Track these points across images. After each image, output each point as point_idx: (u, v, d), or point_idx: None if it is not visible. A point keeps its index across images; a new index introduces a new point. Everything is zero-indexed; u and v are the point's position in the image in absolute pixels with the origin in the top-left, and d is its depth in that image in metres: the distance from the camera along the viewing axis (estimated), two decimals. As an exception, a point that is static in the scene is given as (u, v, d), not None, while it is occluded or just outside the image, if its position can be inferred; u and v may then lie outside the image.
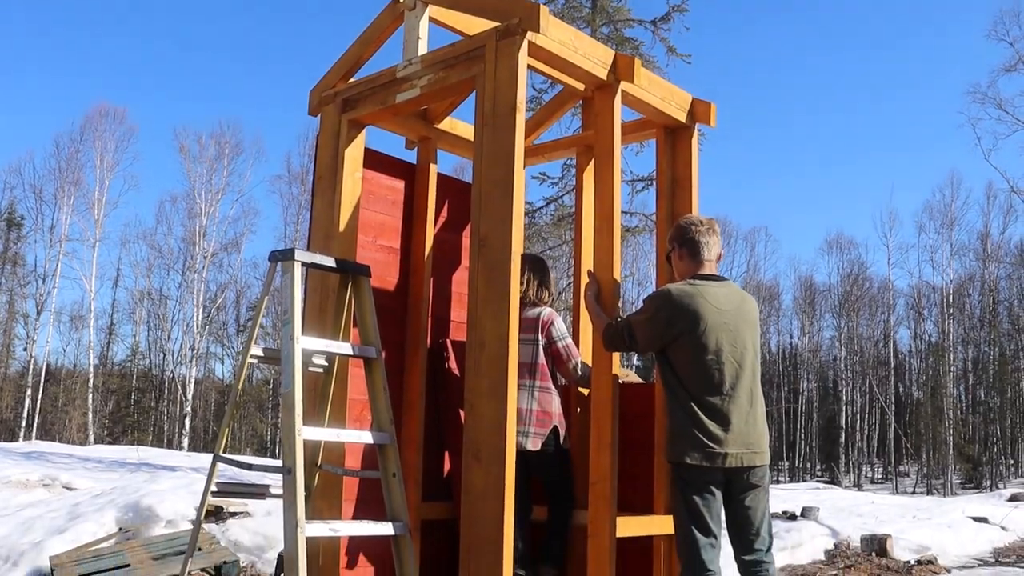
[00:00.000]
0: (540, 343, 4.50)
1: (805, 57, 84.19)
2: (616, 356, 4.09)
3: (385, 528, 3.48)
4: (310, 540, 3.19)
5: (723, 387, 3.78)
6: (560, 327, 4.57)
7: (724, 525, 3.85)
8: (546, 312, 4.57)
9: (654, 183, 5.81)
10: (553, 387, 4.55)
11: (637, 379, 5.06)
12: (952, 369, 47.71)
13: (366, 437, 3.63)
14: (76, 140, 43.53)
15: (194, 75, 78.58)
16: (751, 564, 3.80)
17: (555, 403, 4.51)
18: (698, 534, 3.70)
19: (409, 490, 4.41)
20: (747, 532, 3.82)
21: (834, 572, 9.30)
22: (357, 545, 4.56)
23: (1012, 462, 51.13)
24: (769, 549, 3.86)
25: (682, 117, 4.66)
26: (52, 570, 6.46)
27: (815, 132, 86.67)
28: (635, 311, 4.03)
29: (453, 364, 4.89)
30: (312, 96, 4.68)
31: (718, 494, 3.77)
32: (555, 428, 4.47)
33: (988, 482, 45.86)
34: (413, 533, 4.11)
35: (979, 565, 10.68)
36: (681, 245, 4.06)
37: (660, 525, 4.32)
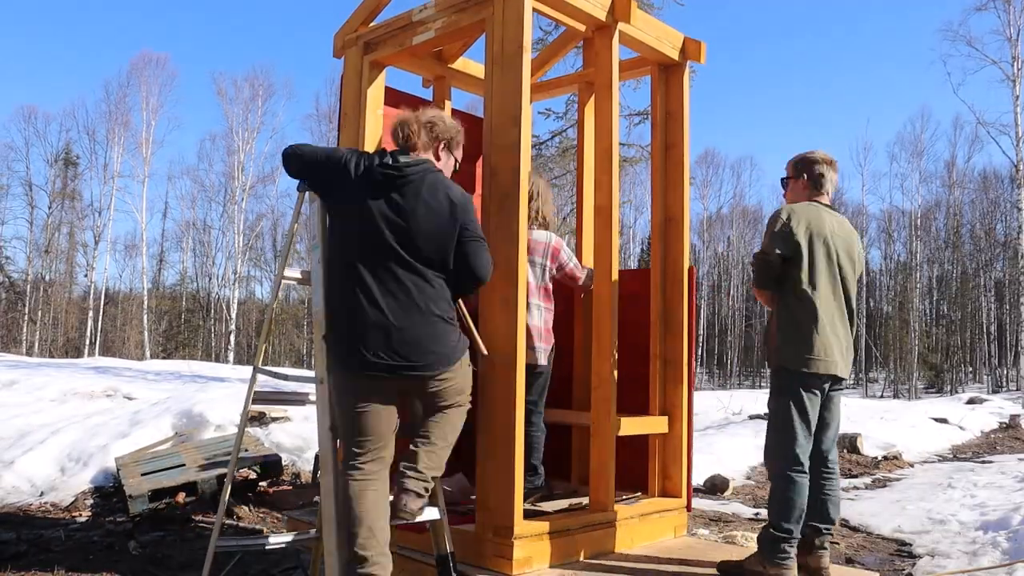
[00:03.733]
0: (549, 269, 4.44)
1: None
2: (615, 270, 4.04)
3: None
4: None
5: (840, 303, 3.78)
6: (566, 251, 4.51)
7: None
8: (554, 241, 4.46)
9: (649, 116, 5.72)
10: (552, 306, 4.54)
11: None
12: (918, 286, 47.59)
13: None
14: (124, 85, 43.37)
15: (228, 21, 77.59)
16: (826, 457, 3.83)
17: (551, 321, 4.50)
18: (800, 433, 3.67)
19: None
20: (829, 432, 3.84)
21: (810, 466, 9.39)
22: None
23: (971, 369, 51.39)
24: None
25: (675, 55, 4.56)
26: (118, 469, 6.56)
27: (797, 68, 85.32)
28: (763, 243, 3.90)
29: None
30: (336, 39, 4.60)
31: (818, 398, 3.75)
32: (554, 344, 4.48)
33: (949, 387, 46.13)
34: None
35: (939, 460, 10.78)
36: (808, 176, 3.92)
37: (655, 425, 4.36)
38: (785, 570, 3.59)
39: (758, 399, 14.55)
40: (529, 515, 3.72)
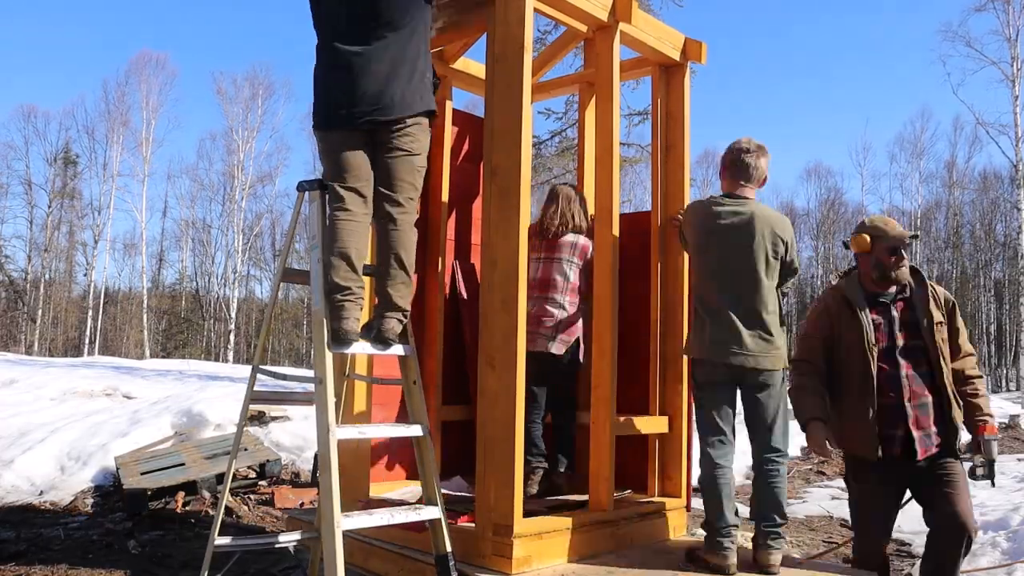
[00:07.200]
0: (578, 265, 4.44)
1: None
2: (615, 270, 4.04)
3: (407, 430, 3.50)
4: (342, 441, 3.21)
5: None
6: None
7: None
8: (582, 241, 4.47)
9: (649, 116, 5.72)
10: None
11: None
12: (918, 286, 47.64)
13: (388, 349, 3.63)
14: (123, 84, 43.36)
15: (228, 21, 77.73)
16: None
17: (578, 317, 4.49)
18: None
19: (430, 395, 4.43)
20: None
21: (809, 467, 9.40)
22: (386, 445, 4.62)
23: (971, 369, 51.33)
24: None
25: (675, 56, 4.56)
26: (117, 468, 6.56)
27: (797, 68, 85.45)
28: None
29: (460, 284, 4.89)
30: (336, 39, 4.58)
31: None
32: (578, 340, 4.45)
33: (948, 387, 46.04)
34: (434, 433, 4.14)
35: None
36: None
37: (655, 425, 4.36)
38: None
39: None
40: (528, 514, 3.72)
